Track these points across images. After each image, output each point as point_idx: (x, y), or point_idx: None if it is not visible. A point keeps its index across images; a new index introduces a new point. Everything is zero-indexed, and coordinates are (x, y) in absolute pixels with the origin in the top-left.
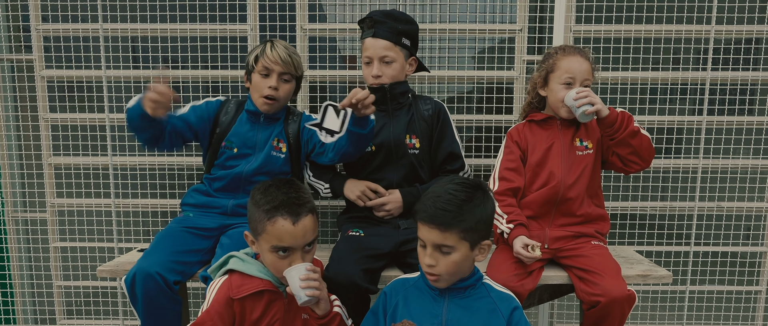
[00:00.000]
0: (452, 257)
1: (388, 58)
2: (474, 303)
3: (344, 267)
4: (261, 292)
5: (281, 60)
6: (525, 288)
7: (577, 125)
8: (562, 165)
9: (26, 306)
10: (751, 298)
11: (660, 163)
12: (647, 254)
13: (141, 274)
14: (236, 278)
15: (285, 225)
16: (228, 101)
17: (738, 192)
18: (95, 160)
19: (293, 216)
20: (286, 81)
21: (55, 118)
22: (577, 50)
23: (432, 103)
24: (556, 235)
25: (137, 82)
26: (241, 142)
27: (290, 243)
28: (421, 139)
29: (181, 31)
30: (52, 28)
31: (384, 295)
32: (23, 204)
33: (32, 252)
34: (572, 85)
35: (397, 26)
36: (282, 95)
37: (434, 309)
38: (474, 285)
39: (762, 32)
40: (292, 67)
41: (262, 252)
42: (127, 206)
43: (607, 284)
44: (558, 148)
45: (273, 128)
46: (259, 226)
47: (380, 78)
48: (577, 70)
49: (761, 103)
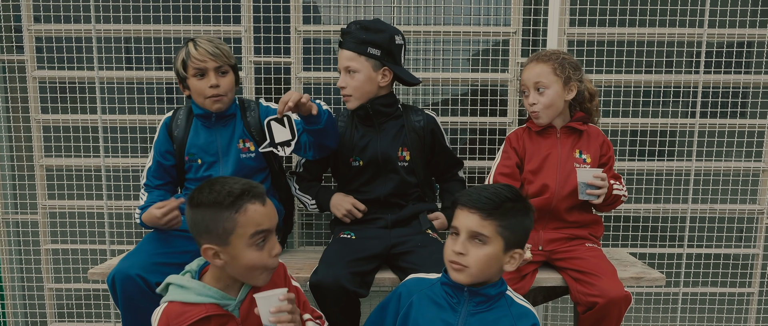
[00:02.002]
0: (485, 250)
1: (351, 68)
2: (493, 317)
3: (331, 269)
4: (207, 319)
5: (211, 54)
6: (520, 292)
7: (579, 134)
8: (557, 177)
9: (17, 309)
10: (744, 300)
11: (653, 165)
12: (640, 256)
13: (120, 276)
14: (175, 307)
15: (256, 208)
16: (176, 113)
17: (731, 195)
18: (87, 162)
19: (259, 199)
20: (224, 73)
21: (47, 119)
22: (533, 57)
23: (423, 116)
24: (550, 237)
25: (130, 83)
26: (202, 151)
27: (268, 224)
28: (412, 150)
29: (175, 32)
30: (44, 28)
31: (398, 295)
32: (14, 206)
33: (23, 254)
34: (527, 96)
35: (361, 36)
36: (226, 89)
37: (450, 319)
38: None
39: (754, 35)
40: (225, 58)
41: (237, 256)
42: (120, 208)
43: (604, 285)
44: (554, 159)
45: (232, 128)
46: (228, 225)
47: (345, 89)
48: (526, 76)
49: (753, 106)
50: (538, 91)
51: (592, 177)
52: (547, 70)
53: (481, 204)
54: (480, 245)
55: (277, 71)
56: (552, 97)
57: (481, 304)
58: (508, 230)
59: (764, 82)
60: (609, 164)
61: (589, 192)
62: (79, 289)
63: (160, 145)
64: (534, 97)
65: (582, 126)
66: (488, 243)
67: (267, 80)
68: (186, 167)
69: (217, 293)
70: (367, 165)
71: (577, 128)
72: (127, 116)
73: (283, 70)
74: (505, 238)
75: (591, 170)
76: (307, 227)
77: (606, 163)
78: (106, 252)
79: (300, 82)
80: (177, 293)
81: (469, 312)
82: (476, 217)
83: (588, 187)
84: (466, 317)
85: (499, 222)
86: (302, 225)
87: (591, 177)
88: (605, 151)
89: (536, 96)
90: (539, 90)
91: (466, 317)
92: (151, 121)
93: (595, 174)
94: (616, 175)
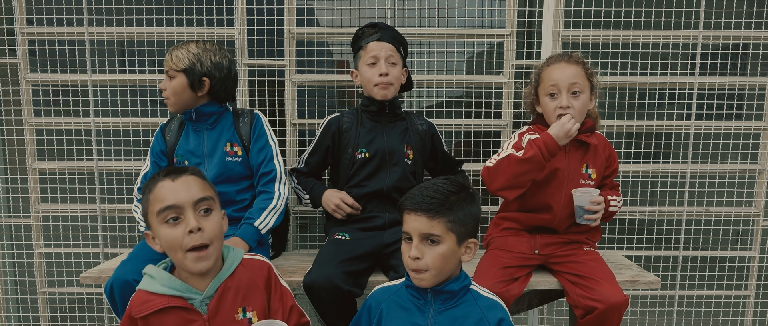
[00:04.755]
0: (439, 249)
1: (392, 60)
2: (461, 312)
3: (325, 269)
4: (167, 310)
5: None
6: (510, 294)
7: (586, 148)
8: (562, 199)
9: (10, 313)
10: (740, 303)
11: (649, 167)
12: (636, 259)
13: (118, 283)
14: (142, 295)
15: (164, 183)
16: (170, 120)
17: (726, 197)
18: (80, 165)
19: (172, 175)
20: (171, 77)
21: (40, 122)
22: (562, 57)
23: (425, 122)
24: (546, 241)
25: (123, 86)
26: (189, 153)
27: (174, 200)
28: (415, 150)
29: (168, 34)
30: (37, 31)
31: (368, 307)
32: (7, 209)
33: (16, 258)
34: (556, 97)
35: (394, 34)
36: (168, 93)
37: (418, 321)
38: (464, 290)
39: (750, 37)
40: (170, 63)
41: (158, 236)
42: (113, 211)
43: (604, 290)
44: (562, 176)
45: (221, 132)
46: (145, 205)
47: (387, 76)
48: (559, 77)
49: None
50: (573, 94)
51: (589, 202)
52: (582, 73)
53: (425, 205)
54: (434, 245)
55: (271, 74)
56: (584, 102)
57: (448, 301)
58: (458, 223)
59: (760, 84)
60: (611, 176)
61: (586, 217)
62: (73, 293)
63: (155, 147)
64: (567, 100)
65: (590, 138)
66: (441, 241)
67: (261, 82)
68: None
69: (182, 285)
70: (373, 156)
71: (586, 141)
72: (120, 119)
73: (276, 73)
74: (456, 232)
75: (588, 193)
76: (302, 230)
77: (609, 175)
78: (99, 256)
79: (294, 84)
80: (146, 282)
81: (436, 310)
82: (423, 219)
83: (585, 212)
84: (434, 316)
85: (447, 218)
86: (296, 229)
87: (588, 202)
88: (610, 163)
89: (571, 99)
90: (575, 93)
91: (434, 316)
92: (144, 124)
93: (592, 199)
94: (615, 184)
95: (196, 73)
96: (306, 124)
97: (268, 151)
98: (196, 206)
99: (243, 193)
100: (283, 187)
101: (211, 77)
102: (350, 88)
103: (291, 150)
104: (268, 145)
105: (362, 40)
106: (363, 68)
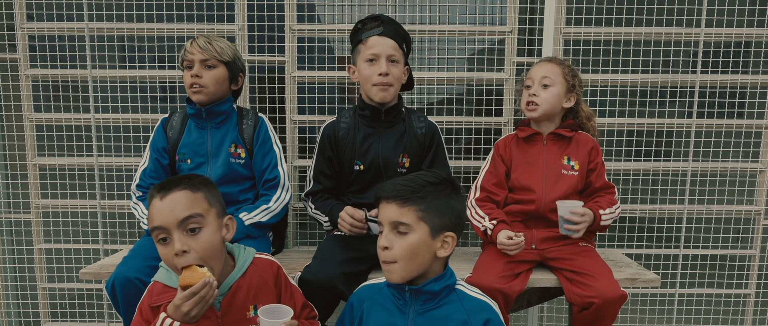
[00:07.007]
0: (409, 239)
1: (394, 58)
2: (443, 313)
3: (326, 268)
4: None
5: (201, 48)
6: (513, 290)
7: (567, 141)
8: (544, 185)
9: (10, 309)
10: (740, 301)
11: (649, 165)
12: (636, 257)
13: (119, 280)
14: (158, 286)
15: (155, 203)
16: (172, 115)
17: (727, 195)
18: (80, 161)
19: (162, 192)
20: (210, 67)
21: (40, 117)
22: (549, 58)
23: (426, 123)
24: (543, 236)
25: (123, 82)
26: (192, 151)
27: (160, 221)
28: (412, 156)
29: (168, 30)
30: (37, 26)
31: (350, 306)
32: (7, 205)
33: (16, 253)
34: (529, 88)
35: (398, 29)
36: (208, 81)
37: (398, 322)
38: (446, 290)
39: (752, 35)
40: (214, 52)
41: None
42: (113, 207)
43: (600, 285)
44: (541, 166)
45: (225, 132)
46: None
47: (387, 76)
48: (535, 72)
49: (751, 106)
50: (543, 86)
51: (569, 213)
52: (557, 70)
53: (396, 192)
54: (402, 235)
55: (272, 70)
56: (554, 94)
57: (429, 302)
58: (431, 213)
59: (762, 82)
60: (597, 170)
61: (567, 227)
62: (72, 288)
63: (156, 142)
64: (536, 90)
65: (569, 133)
66: (411, 231)
67: (261, 79)
68: (177, 168)
69: None
70: (367, 169)
71: (565, 135)
72: (120, 115)
73: (277, 69)
74: (429, 223)
75: (570, 204)
76: (301, 227)
77: (594, 169)
78: (99, 252)
79: (294, 81)
80: (162, 275)
81: (417, 311)
82: (394, 206)
83: (566, 222)
84: (415, 317)
85: (418, 206)
86: (296, 225)
87: (568, 212)
88: (593, 158)
89: (539, 89)
90: (545, 85)
91: (415, 317)
92: (144, 120)
93: (572, 209)
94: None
95: (237, 68)
96: (306, 120)
97: (272, 157)
98: (181, 225)
99: (245, 193)
100: (285, 193)
101: (244, 75)
102: (351, 85)
103: (291, 147)
104: (273, 151)
105: (362, 33)
106: (362, 65)
